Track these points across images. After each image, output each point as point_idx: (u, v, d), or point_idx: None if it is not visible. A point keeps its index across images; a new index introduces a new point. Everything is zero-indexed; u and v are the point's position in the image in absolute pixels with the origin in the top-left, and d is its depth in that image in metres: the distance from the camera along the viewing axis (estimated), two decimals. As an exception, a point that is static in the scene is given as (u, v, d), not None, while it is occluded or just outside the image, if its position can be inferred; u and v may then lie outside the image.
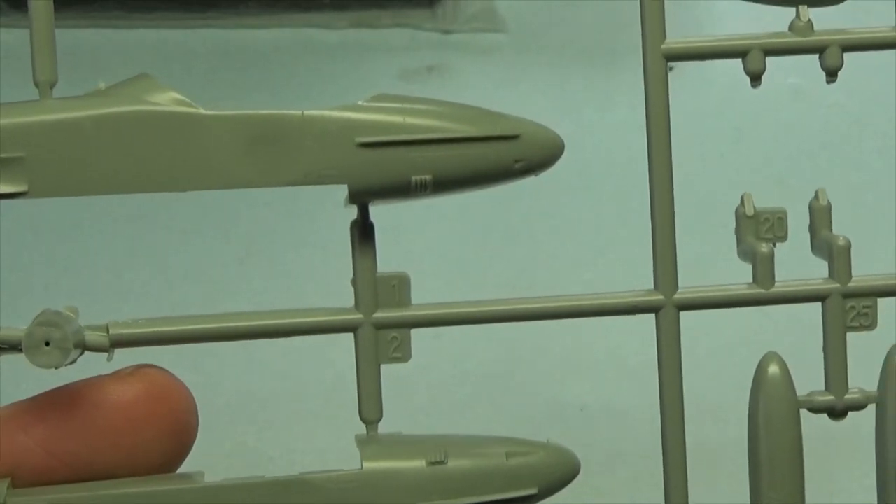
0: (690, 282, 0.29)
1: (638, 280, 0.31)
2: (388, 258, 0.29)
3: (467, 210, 0.63)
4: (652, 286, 0.29)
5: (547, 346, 0.55)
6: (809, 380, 0.29)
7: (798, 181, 0.61)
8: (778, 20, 0.30)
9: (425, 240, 0.62)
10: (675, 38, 0.28)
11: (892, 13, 0.30)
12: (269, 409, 0.58)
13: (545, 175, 0.29)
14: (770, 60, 0.29)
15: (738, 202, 0.31)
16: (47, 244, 0.63)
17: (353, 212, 0.28)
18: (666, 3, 0.29)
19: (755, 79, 0.28)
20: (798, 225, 0.29)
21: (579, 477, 0.30)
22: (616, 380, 0.30)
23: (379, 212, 0.28)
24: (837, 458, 0.30)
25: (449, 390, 0.56)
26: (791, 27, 0.28)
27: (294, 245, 0.61)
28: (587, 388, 0.55)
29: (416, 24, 0.69)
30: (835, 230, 0.30)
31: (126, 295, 0.60)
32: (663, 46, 0.28)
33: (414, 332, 0.28)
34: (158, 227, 0.63)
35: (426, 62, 0.67)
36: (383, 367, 0.28)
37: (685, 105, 0.30)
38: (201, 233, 0.63)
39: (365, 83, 0.66)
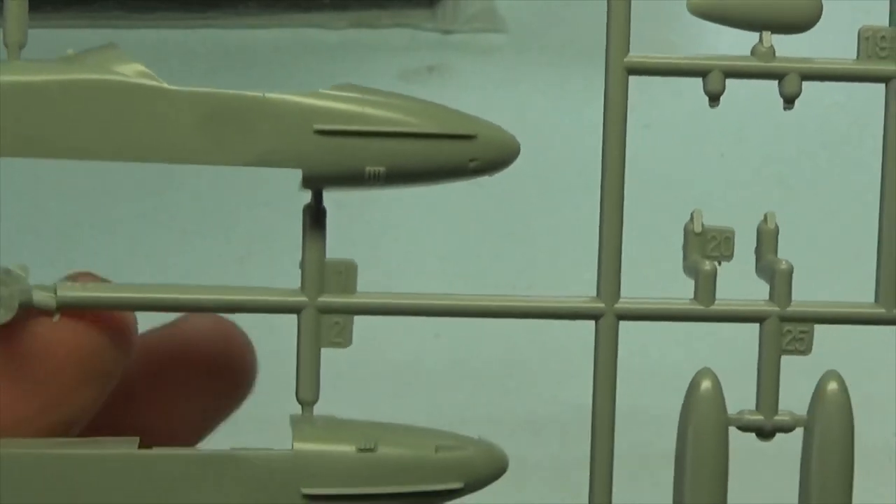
0: (691, 279, 0.29)
1: (637, 280, 0.31)
2: (389, 258, 0.29)
3: (468, 210, 0.63)
4: (651, 286, 0.29)
5: (546, 345, 0.55)
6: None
7: (798, 181, 0.61)
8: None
9: (425, 240, 0.62)
10: (639, 53, 0.28)
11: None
12: (268, 409, 0.58)
13: (546, 175, 0.29)
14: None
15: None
16: (47, 244, 0.63)
17: (353, 213, 0.28)
18: (666, 3, 0.29)
19: (714, 99, 0.29)
20: (799, 226, 0.29)
21: (580, 475, 0.30)
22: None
23: (381, 211, 0.28)
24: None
25: (449, 390, 0.56)
26: (753, 52, 0.29)
27: (294, 245, 0.61)
28: (587, 388, 0.55)
29: (416, 24, 0.69)
30: (837, 230, 0.30)
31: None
32: (626, 60, 0.29)
33: (415, 331, 0.29)
34: (158, 227, 0.63)
35: (426, 62, 0.67)
36: (395, 367, 0.28)
37: (685, 105, 0.30)
38: (201, 233, 0.63)
39: (365, 83, 0.66)
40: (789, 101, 0.29)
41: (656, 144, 0.57)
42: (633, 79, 0.29)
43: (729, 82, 0.29)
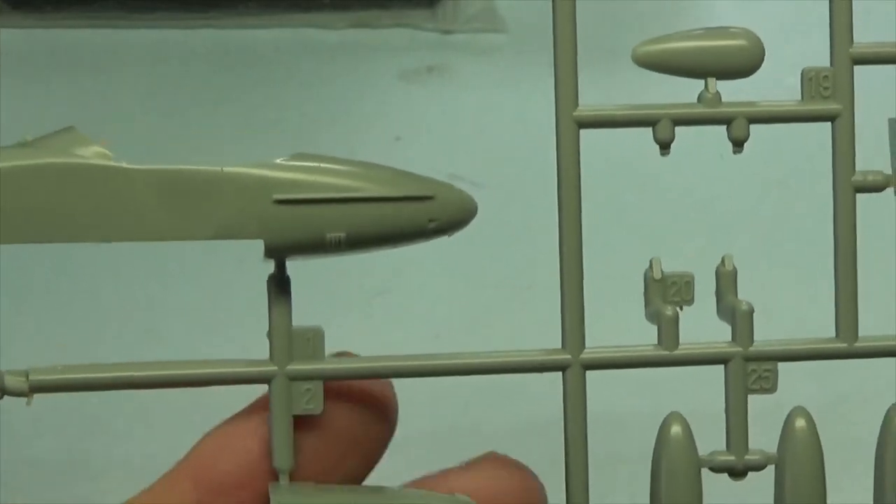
0: (700, 276, 0.29)
1: (637, 279, 0.31)
2: (389, 259, 0.29)
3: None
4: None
5: (547, 346, 0.55)
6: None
7: (798, 181, 0.61)
8: (782, 17, 0.30)
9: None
10: (587, 104, 0.29)
11: (891, 12, 0.30)
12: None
13: (546, 174, 0.29)
14: (771, 56, 0.30)
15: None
16: (46, 245, 0.63)
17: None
18: (666, 3, 0.29)
19: (664, 147, 0.30)
20: (799, 226, 0.30)
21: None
22: (616, 381, 0.30)
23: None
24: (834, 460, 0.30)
25: (449, 391, 0.56)
26: (699, 98, 0.29)
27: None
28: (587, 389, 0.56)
29: (416, 24, 0.68)
30: (830, 229, 0.30)
31: (126, 295, 0.60)
32: (575, 113, 0.29)
33: (415, 333, 0.29)
34: (158, 227, 0.63)
35: (426, 62, 0.67)
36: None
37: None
38: (201, 233, 0.63)
39: (365, 83, 0.66)
40: (738, 145, 0.30)
41: (656, 145, 0.57)
42: (631, 79, 0.29)
43: (728, 82, 0.29)
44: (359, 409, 0.29)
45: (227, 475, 0.28)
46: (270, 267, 0.29)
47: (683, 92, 0.31)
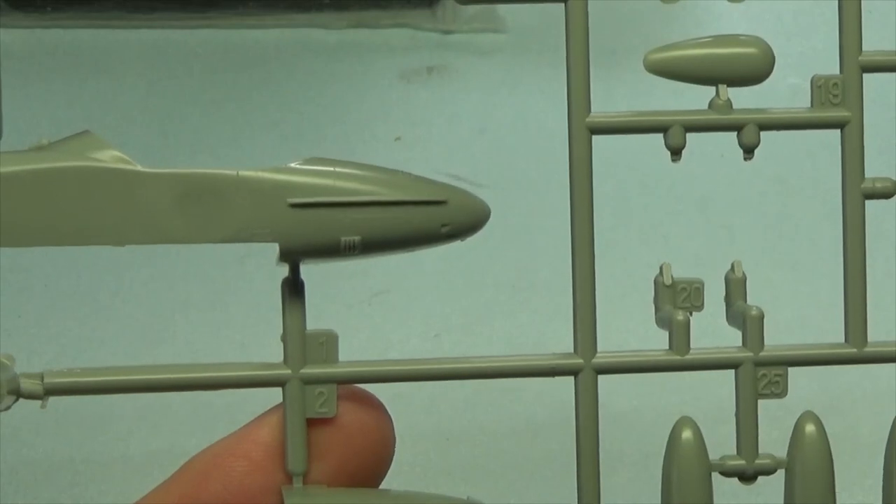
0: (700, 274, 0.30)
1: (638, 280, 0.31)
2: (389, 259, 0.29)
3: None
4: (653, 286, 0.30)
5: (547, 346, 0.55)
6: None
7: (798, 181, 0.61)
8: (782, 17, 0.30)
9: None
10: (599, 112, 0.29)
11: (891, 13, 0.30)
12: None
13: (546, 174, 0.29)
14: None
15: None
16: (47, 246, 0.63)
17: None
18: (666, 3, 0.29)
19: (675, 153, 0.30)
20: (801, 225, 0.30)
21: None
22: (616, 381, 0.30)
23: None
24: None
25: (448, 391, 0.56)
26: (710, 105, 0.30)
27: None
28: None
29: (416, 24, 0.69)
30: (838, 231, 0.30)
31: (126, 295, 0.60)
32: (587, 120, 0.30)
33: (414, 332, 0.29)
34: (158, 227, 0.63)
35: (426, 62, 0.67)
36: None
37: (685, 106, 0.30)
38: (201, 233, 0.63)
39: (365, 83, 0.66)
40: (748, 151, 0.30)
41: (657, 145, 0.57)
42: (631, 79, 0.29)
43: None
44: (367, 410, 0.29)
45: (213, 496, 0.28)
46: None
47: (683, 93, 0.31)
